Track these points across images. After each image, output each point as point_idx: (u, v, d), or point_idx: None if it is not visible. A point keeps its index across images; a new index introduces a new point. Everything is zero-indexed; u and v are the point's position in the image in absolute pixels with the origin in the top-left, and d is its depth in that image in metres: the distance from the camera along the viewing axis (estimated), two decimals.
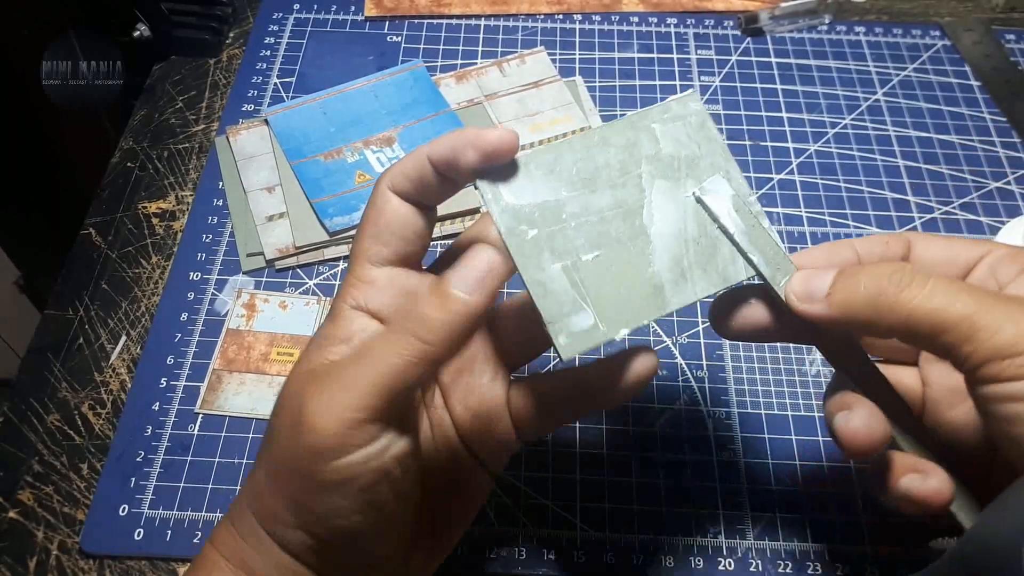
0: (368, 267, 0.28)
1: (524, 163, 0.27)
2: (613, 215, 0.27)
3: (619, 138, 0.28)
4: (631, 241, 0.27)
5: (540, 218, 0.27)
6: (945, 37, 0.59)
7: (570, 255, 0.27)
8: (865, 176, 0.51)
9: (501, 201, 0.27)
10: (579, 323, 0.26)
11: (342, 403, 0.24)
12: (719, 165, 0.29)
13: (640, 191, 0.28)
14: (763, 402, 0.43)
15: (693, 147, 0.29)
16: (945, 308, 0.24)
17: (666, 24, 0.60)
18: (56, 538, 0.39)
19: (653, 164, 0.28)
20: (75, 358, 0.44)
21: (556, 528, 0.39)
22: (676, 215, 0.28)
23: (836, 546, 0.38)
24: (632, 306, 0.27)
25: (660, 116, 0.29)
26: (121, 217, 0.50)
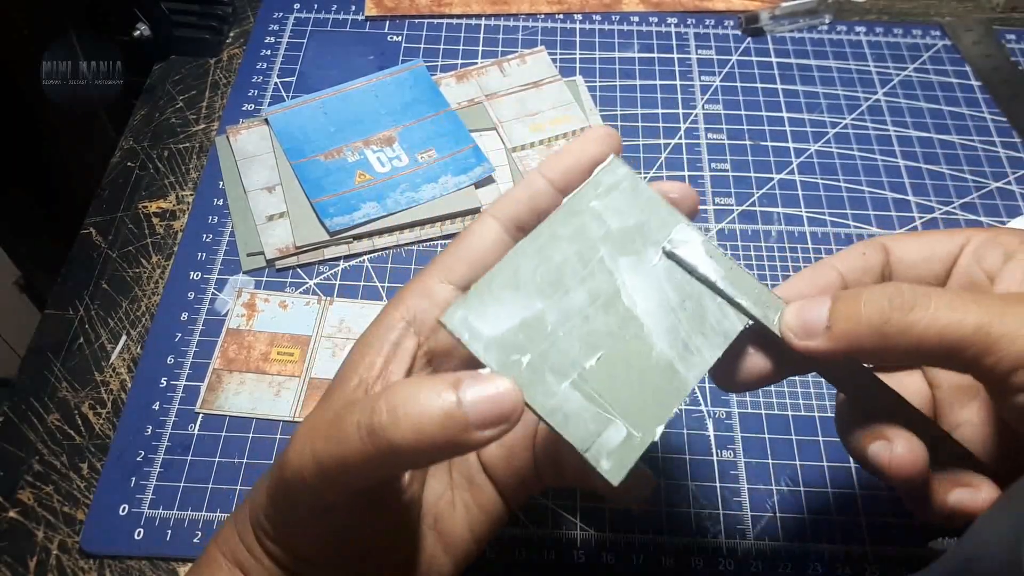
0: (437, 279, 0.27)
1: (485, 289, 0.25)
2: (595, 310, 0.25)
3: (565, 229, 0.26)
4: (623, 330, 0.25)
5: (527, 340, 0.24)
6: (946, 37, 0.59)
7: (573, 368, 0.24)
8: (865, 176, 0.52)
9: (481, 337, 0.24)
10: (614, 438, 0.24)
11: (309, 462, 0.23)
12: (669, 221, 0.27)
13: (609, 275, 0.26)
14: (763, 402, 0.43)
15: (637, 213, 0.27)
16: (956, 324, 0.23)
17: (667, 24, 0.60)
18: (56, 538, 0.39)
19: (609, 244, 0.26)
20: (75, 358, 0.44)
21: (556, 528, 0.39)
22: (652, 286, 0.26)
23: (836, 546, 0.38)
24: (655, 398, 0.25)
25: (594, 193, 0.27)
26: (121, 217, 0.50)
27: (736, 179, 0.51)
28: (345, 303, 0.46)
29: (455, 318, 0.24)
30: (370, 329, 0.27)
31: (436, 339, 0.27)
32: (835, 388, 0.29)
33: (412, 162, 0.50)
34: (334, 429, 0.23)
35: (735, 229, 0.49)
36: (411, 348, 0.26)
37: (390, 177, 0.49)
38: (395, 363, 0.26)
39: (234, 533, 0.28)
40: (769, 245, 0.48)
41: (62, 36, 0.55)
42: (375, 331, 0.27)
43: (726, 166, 0.52)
